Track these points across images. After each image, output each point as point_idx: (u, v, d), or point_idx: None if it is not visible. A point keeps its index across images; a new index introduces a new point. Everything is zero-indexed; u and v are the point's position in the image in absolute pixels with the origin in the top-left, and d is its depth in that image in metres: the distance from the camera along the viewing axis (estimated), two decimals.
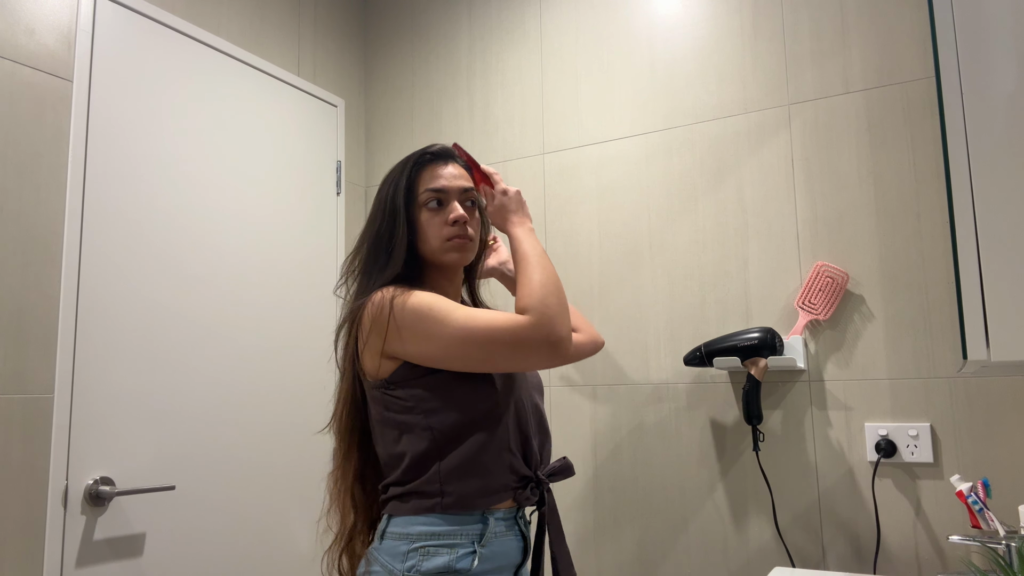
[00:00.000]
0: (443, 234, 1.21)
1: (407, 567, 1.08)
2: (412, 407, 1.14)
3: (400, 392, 1.15)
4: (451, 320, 1.10)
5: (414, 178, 1.24)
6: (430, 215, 1.22)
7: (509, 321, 1.09)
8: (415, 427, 1.14)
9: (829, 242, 1.75)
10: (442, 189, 1.22)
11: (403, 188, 1.23)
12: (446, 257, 1.22)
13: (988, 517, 1.38)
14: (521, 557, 1.19)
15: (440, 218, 1.22)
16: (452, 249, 1.22)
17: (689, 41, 1.97)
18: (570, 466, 1.25)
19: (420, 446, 1.13)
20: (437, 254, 1.22)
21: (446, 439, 1.13)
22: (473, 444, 1.13)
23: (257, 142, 2.05)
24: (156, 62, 1.80)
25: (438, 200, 1.22)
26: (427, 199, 1.22)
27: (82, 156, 1.62)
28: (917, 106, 1.69)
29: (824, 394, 1.72)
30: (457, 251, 1.22)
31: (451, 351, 1.10)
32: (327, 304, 2.23)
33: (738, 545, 1.77)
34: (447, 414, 1.13)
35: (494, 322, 1.09)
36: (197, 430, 1.78)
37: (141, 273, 1.70)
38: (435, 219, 1.22)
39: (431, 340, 1.11)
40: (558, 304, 1.11)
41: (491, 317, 1.10)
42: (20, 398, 1.47)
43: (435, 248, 1.22)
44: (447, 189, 1.23)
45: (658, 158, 1.97)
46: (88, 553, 1.54)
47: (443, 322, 1.10)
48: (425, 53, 2.40)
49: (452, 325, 1.10)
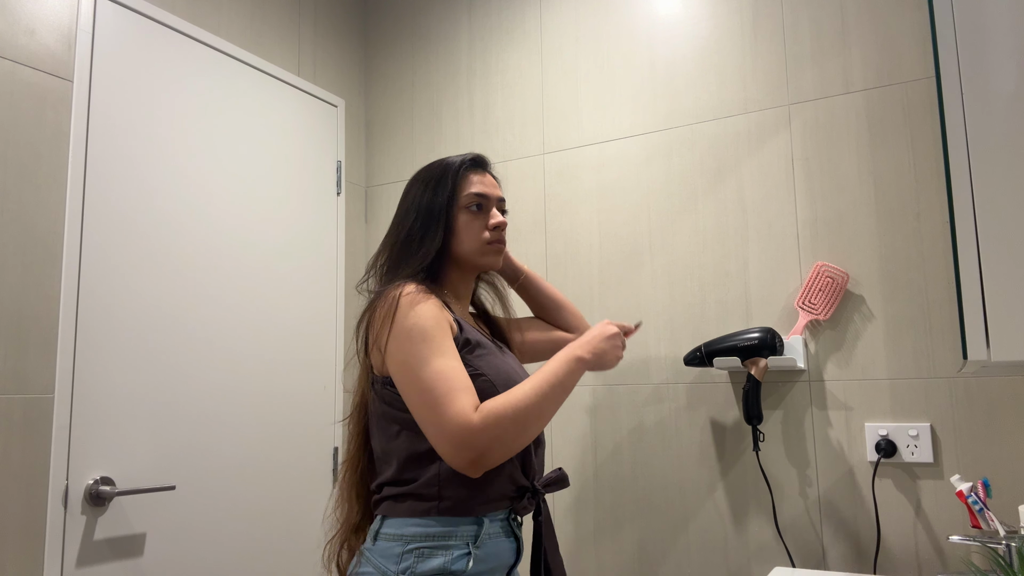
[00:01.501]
0: (483, 237, 1.27)
1: (401, 569, 1.08)
2: None
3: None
4: (427, 363, 1.09)
5: (458, 181, 1.28)
6: (470, 218, 1.27)
7: (461, 413, 1.05)
8: (416, 426, 1.14)
9: (829, 242, 1.75)
10: (485, 195, 1.28)
11: (447, 190, 1.27)
12: (484, 259, 1.27)
13: (988, 517, 1.38)
14: (514, 558, 1.19)
15: (480, 222, 1.27)
16: (492, 252, 1.28)
17: (689, 41, 1.97)
18: (565, 477, 1.26)
19: (420, 445, 1.13)
20: (475, 256, 1.27)
21: None
22: None
23: (257, 142, 2.05)
24: (156, 62, 1.80)
25: (479, 205, 1.27)
26: (469, 202, 1.27)
27: (82, 156, 1.62)
28: (917, 106, 1.69)
29: (824, 394, 1.72)
30: (496, 255, 1.29)
31: (403, 383, 1.11)
32: (327, 303, 2.23)
33: (738, 545, 1.77)
34: None
35: (449, 399, 1.06)
36: (197, 430, 1.78)
37: (141, 273, 1.70)
38: (475, 222, 1.27)
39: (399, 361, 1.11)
40: (513, 435, 1.07)
41: (451, 392, 1.07)
42: (20, 398, 1.47)
43: (473, 250, 1.26)
44: (489, 196, 1.29)
45: (658, 158, 1.97)
46: (88, 553, 1.54)
47: (420, 358, 1.09)
48: (425, 53, 2.40)
49: (423, 368, 1.09)
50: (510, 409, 1.07)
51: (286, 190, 2.12)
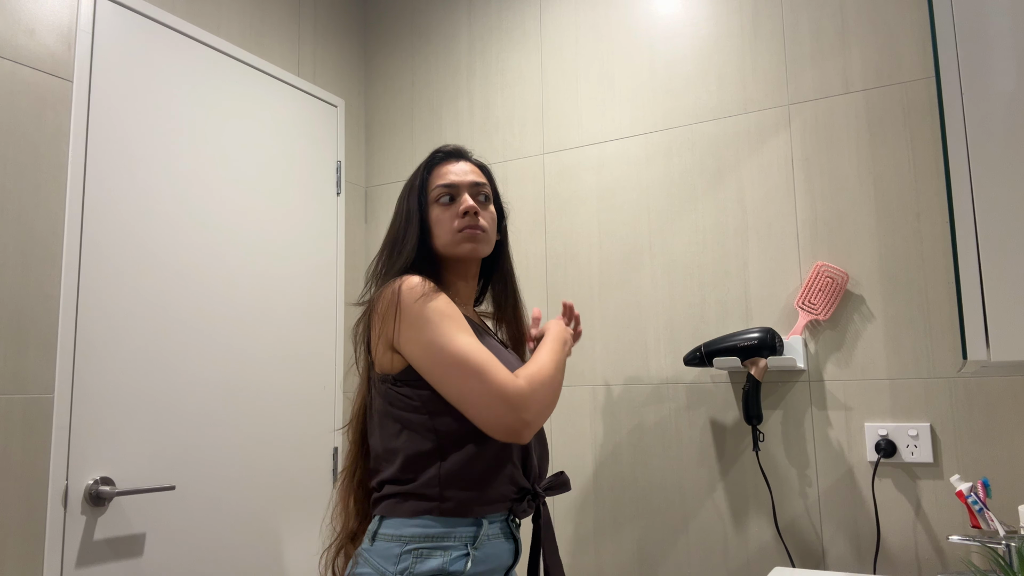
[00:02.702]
0: (454, 226, 1.22)
1: (400, 569, 1.07)
2: (418, 407, 1.14)
3: (407, 391, 1.14)
4: (454, 339, 1.09)
5: (427, 177, 1.27)
6: (441, 210, 1.24)
7: (509, 377, 1.08)
8: (419, 426, 1.13)
9: (829, 242, 1.75)
10: (452, 184, 1.25)
11: (417, 188, 1.25)
12: (460, 249, 1.23)
13: (988, 517, 1.38)
14: (512, 560, 1.19)
15: (451, 212, 1.24)
16: (465, 240, 1.23)
17: (689, 41, 1.97)
18: (567, 482, 1.26)
19: (422, 445, 1.13)
20: (450, 247, 1.23)
21: (450, 442, 1.13)
22: (476, 451, 1.13)
23: (257, 142, 2.05)
24: (156, 62, 1.80)
25: (450, 196, 1.24)
26: (438, 195, 1.24)
27: (82, 156, 1.62)
28: (917, 106, 1.69)
29: (824, 394, 1.72)
30: (470, 241, 1.23)
31: (432, 364, 1.10)
32: (327, 304, 2.23)
33: (738, 545, 1.77)
34: (454, 418, 1.13)
35: (491, 367, 1.08)
36: (197, 430, 1.78)
37: (141, 273, 1.70)
38: (446, 214, 1.24)
39: (422, 344, 1.10)
40: (551, 400, 1.13)
41: (490, 361, 1.09)
42: (20, 398, 1.47)
43: (447, 242, 1.23)
44: (457, 184, 1.25)
45: (658, 158, 1.97)
46: (88, 553, 1.54)
47: (445, 335, 1.09)
48: (425, 53, 2.40)
49: (452, 343, 1.09)
50: (545, 375, 1.13)
51: (286, 190, 2.12)
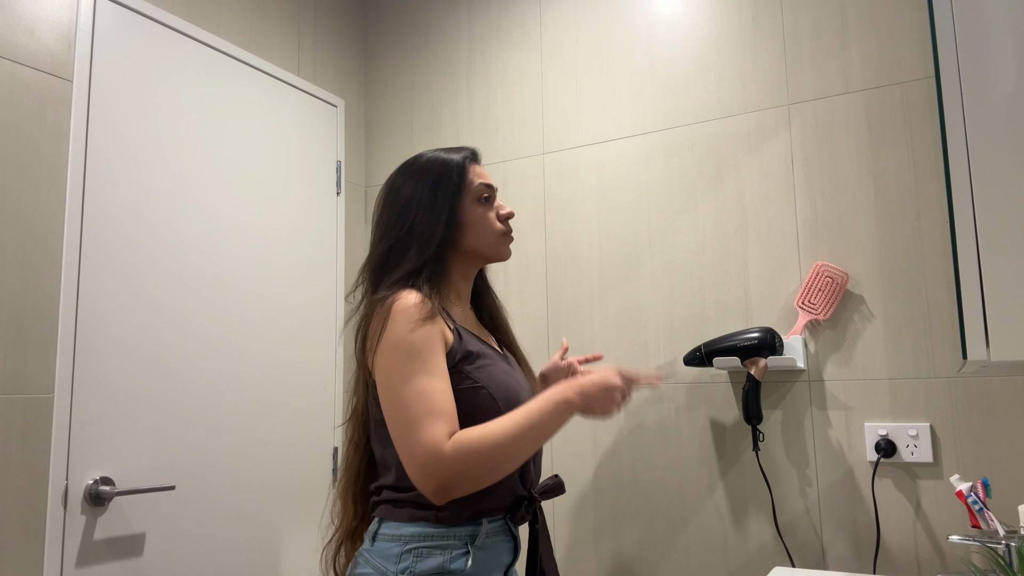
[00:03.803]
0: (498, 228, 1.25)
1: (400, 569, 1.07)
2: None
3: None
4: (409, 382, 1.07)
5: (465, 174, 1.25)
6: (484, 209, 1.25)
7: (432, 439, 1.02)
8: None
9: (829, 242, 1.75)
10: (492, 186, 1.27)
11: (452, 183, 1.23)
12: (501, 250, 1.26)
13: (988, 517, 1.38)
14: (512, 557, 1.19)
15: (493, 213, 1.26)
16: (508, 243, 1.27)
17: (689, 41, 1.97)
18: (561, 484, 1.25)
19: None
20: (492, 248, 1.25)
21: None
22: None
23: (257, 142, 2.05)
24: (156, 62, 1.80)
25: (487, 196, 1.26)
26: (480, 193, 1.25)
27: (82, 156, 1.62)
28: (917, 106, 1.69)
29: (824, 394, 1.72)
30: (508, 244, 1.27)
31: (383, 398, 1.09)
32: (327, 304, 2.23)
33: (738, 545, 1.77)
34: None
35: (424, 423, 1.04)
36: (197, 430, 1.78)
37: (141, 273, 1.70)
38: (489, 213, 1.25)
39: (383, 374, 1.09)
40: (482, 473, 1.03)
41: (427, 415, 1.04)
42: (20, 398, 1.47)
43: (491, 242, 1.24)
44: (494, 187, 1.28)
45: (658, 158, 1.97)
46: (88, 553, 1.54)
47: (403, 375, 1.07)
48: (425, 53, 2.40)
49: (405, 386, 1.06)
50: (485, 445, 1.02)
51: (285, 190, 2.12)
